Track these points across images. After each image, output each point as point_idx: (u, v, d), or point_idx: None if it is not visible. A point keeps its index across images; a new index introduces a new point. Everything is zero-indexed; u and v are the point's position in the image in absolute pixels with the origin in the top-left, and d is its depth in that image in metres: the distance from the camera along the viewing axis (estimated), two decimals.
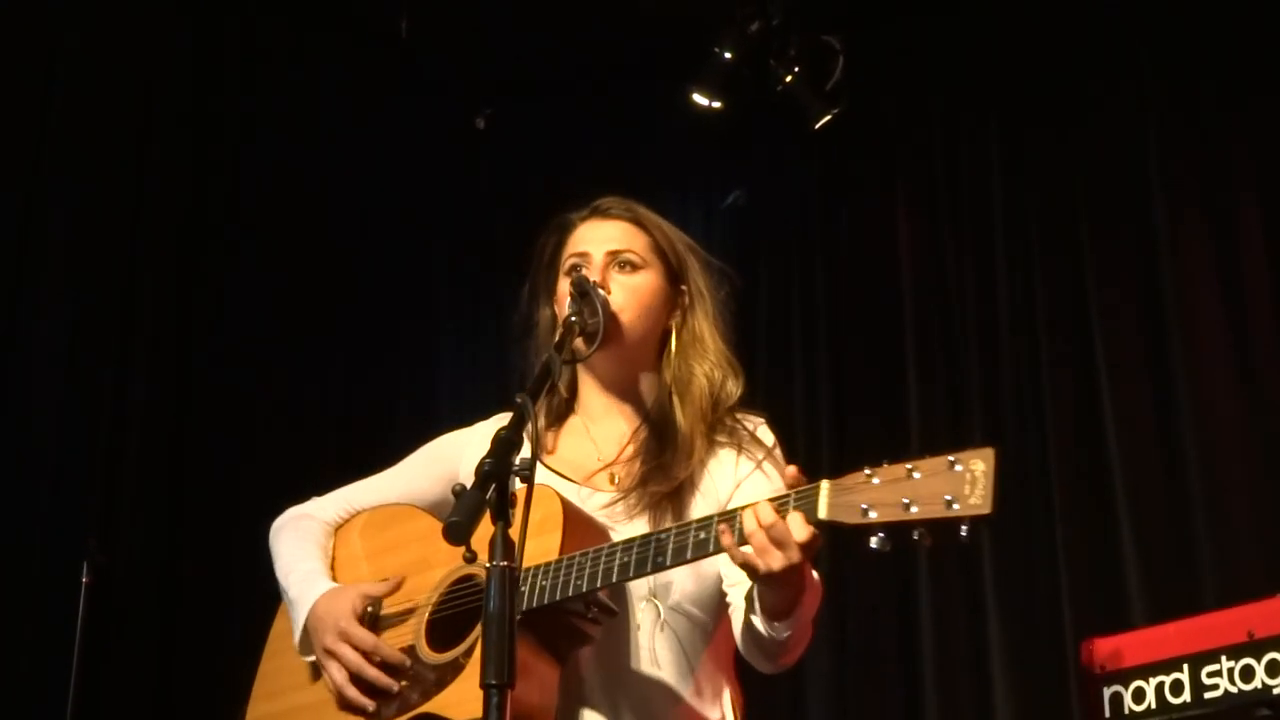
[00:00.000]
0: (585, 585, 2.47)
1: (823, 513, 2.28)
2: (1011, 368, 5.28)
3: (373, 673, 2.64)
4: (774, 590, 2.40)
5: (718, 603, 2.70)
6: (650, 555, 2.44)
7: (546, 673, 2.52)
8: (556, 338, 2.65)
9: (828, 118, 5.58)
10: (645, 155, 5.74)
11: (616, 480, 2.76)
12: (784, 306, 5.77)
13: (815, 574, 2.49)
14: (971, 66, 5.60)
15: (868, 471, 2.25)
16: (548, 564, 2.50)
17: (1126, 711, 3.26)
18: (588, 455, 2.80)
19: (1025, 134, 5.46)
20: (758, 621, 2.48)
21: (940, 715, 5.08)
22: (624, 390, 2.82)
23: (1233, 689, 3.10)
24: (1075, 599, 4.89)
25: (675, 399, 2.78)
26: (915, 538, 2.20)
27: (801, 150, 5.81)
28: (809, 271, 5.79)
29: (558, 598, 2.48)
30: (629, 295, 2.76)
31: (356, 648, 2.65)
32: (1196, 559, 4.74)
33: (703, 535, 2.40)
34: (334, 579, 2.84)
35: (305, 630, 2.74)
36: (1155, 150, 5.16)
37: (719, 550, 2.39)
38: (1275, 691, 3.04)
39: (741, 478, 2.74)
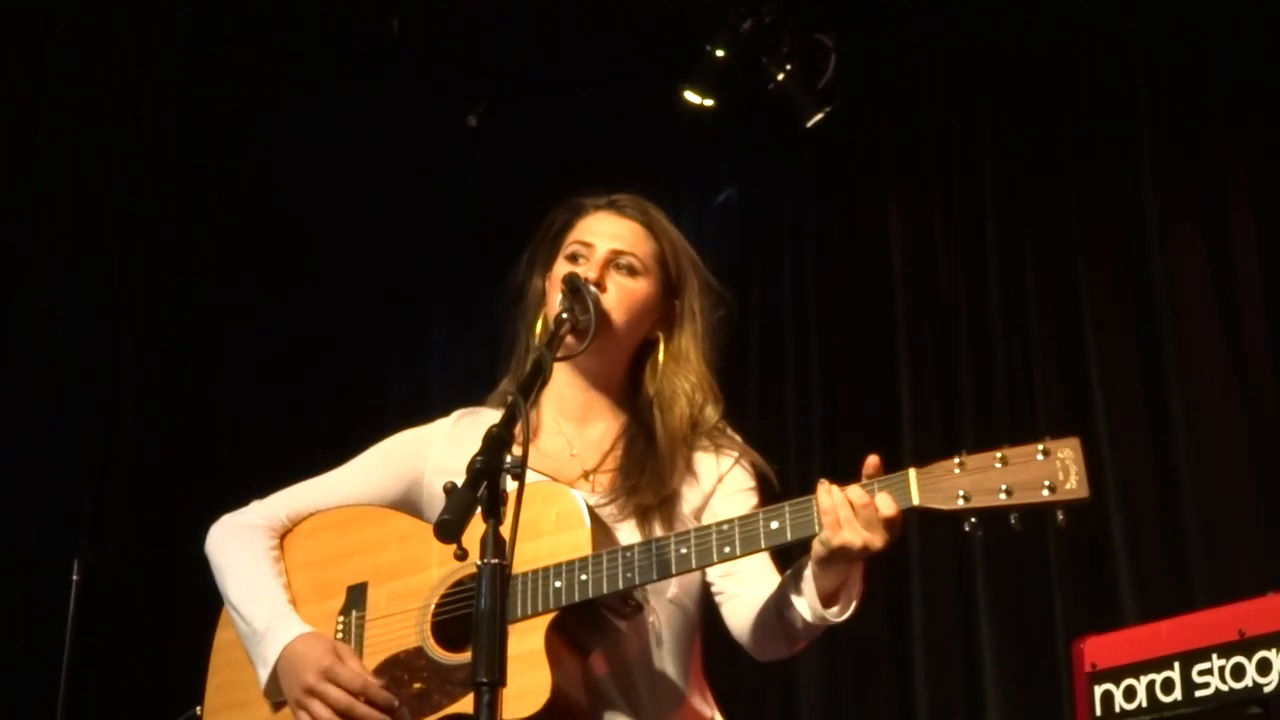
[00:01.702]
0: (637, 578, 2.45)
1: (915, 499, 2.35)
2: (1004, 367, 5.28)
3: (363, 711, 2.53)
4: (835, 573, 2.43)
5: (704, 595, 2.72)
6: (714, 545, 2.44)
7: (576, 669, 2.52)
8: (543, 335, 2.64)
9: (820, 116, 5.57)
10: (636, 153, 5.72)
11: (595, 484, 2.75)
12: (776, 306, 5.76)
13: None
14: (965, 67, 5.60)
15: (957, 460, 2.34)
16: (584, 559, 2.48)
17: (1117, 710, 3.26)
18: (563, 455, 2.79)
19: (1018, 137, 5.46)
20: (803, 606, 2.48)
21: (931, 713, 5.08)
22: (602, 388, 2.81)
23: (1224, 687, 3.10)
24: (1066, 597, 4.89)
25: (657, 412, 2.77)
26: (1012, 522, 2.30)
27: (794, 149, 5.80)
28: (800, 270, 5.79)
29: (604, 591, 2.46)
30: (622, 297, 2.74)
31: (345, 688, 2.54)
32: (1187, 557, 4.75)
33: (775, 525, 2.41)
34: (291, 598, 2.73)
35: (274, 672, 2.63)
36: (1149, 150, 5.17)
37: (797, 538, 2.40)
38: (1266, 690, 3.03)
39: (723, 472, 2.76)
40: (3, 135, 4.82)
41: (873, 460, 2.40)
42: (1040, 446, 2.31)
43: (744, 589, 2.64)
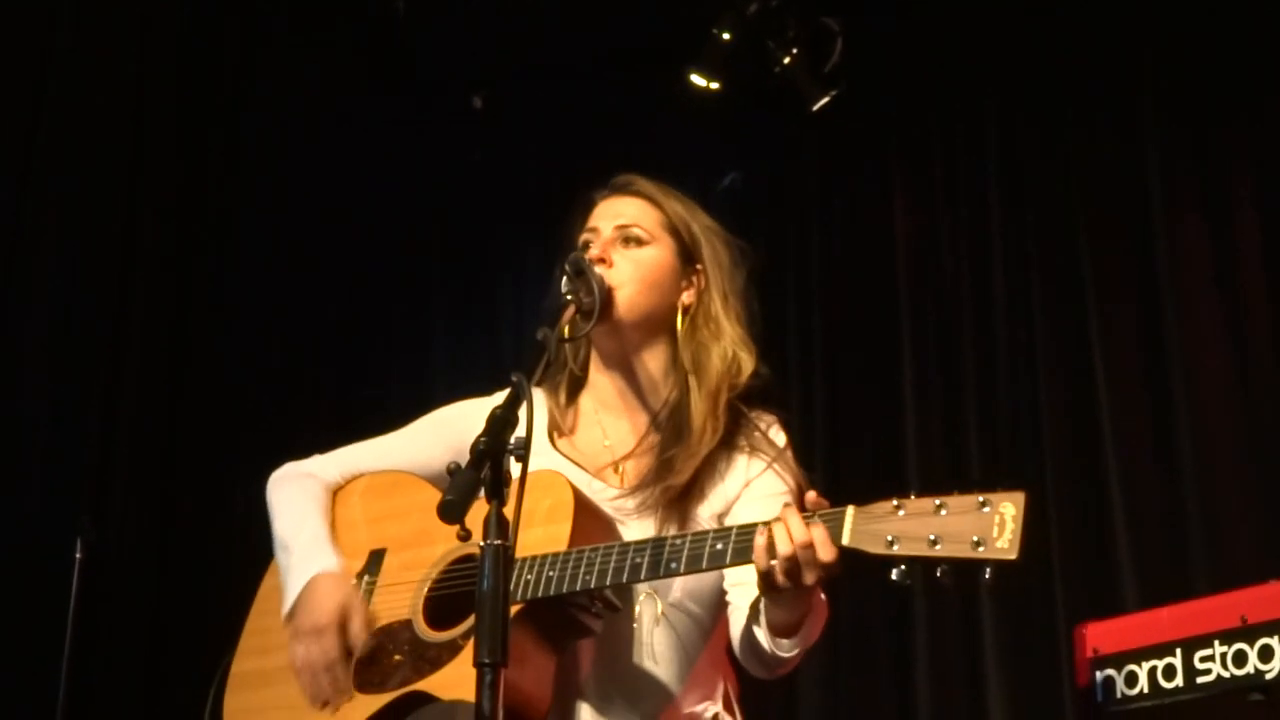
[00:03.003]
0: (595, 581, 2.45)
1: (846, 539, 2.28)
2: (1007, 354, 5.27)
3: (322, 683, 2.62)
4: (783, 607, 2.40)
5: (717, 600, 2.70)
6: (664, 559, 2.43)
7: (544, 663, 2.52)
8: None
9: (826, 100, 5.56)
10: (641, 136, 5.71)
11: (624, 474, 2.75)
12: (779, 289, 5.74)
13: (823, 596, 2.48)
14: (970, 53, 5.58)
15: (895, 503, 2.25)
16: (556, 555, 2.49)
17: (1119, 695, 3.26)
18: (599, 444, 2.79)
19: (1024, 125, 5.44)
20: (761, 636, 2.47)
21: (933, 700, 5.08)
22: (632, 370, 2.80)
23: (1225, 674, 3.09)
24: (1068, 583, 4.89)
25: (692, 380, 2.75)
26: (938, 575, 2.20)
27: (799, 133, 5.79)
28: (805, 255, 5.78)
29: (564, 590, 2.46)
30: (632, 269, 2.75)
31: (319, 657, 2.62)
32: (1189, 544, 4.75)
33: (719, 546, 2.39)
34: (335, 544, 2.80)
35: (297, 600, 2.70)
36: (1154, 146, 5.15)
37: (737, 563, 2.38)
38: (1268, 676, 3.03)
39: (752, 476, 2.73)
40: (3, 132, 4.82)
41: (811, 496, 2.36)
42: (981, 498, 2.20)
43: (746, 602, 2.60)
